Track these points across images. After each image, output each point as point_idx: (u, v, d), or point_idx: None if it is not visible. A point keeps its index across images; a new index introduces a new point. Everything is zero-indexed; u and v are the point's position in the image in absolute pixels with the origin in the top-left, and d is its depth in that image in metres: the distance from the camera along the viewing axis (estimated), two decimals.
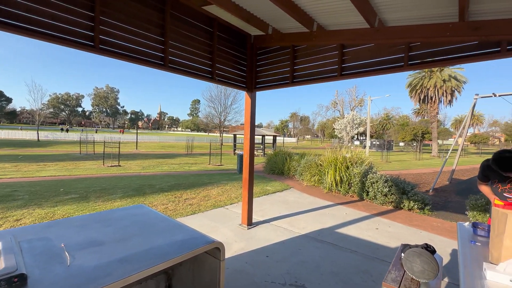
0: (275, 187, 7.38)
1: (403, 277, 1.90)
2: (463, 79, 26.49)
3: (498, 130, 62.00)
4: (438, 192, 7.99)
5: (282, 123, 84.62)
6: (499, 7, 2.17)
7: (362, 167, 6.69)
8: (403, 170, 13.93)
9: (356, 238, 3.90)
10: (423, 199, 5.55)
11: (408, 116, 51.49)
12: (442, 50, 2.64)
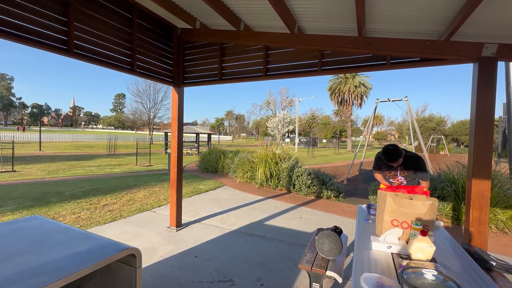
0: (208, 186, 7.28)
1: (315, 257, 2.14)
2: (369, 86, 31.65)
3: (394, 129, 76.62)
4: (351, 181, 9.36)
5: (218, 121, 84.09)
6: (385, 28, 2.67)
7: (290, 162, 7.26)
8: (324, 163, 15.73)
9: (282, 228, 4.20)
10: (338, 188, 6.41)
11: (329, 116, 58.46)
12: (347, 59, 3.08)
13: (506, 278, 1.94)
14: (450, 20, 2.22)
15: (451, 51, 2.39)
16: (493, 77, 2.23)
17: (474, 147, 2.27)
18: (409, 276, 1.08)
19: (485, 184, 2.24)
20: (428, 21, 2.35)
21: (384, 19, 2.49)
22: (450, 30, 2.22)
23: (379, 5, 2.25)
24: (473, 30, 2.29)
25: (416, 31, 2.56)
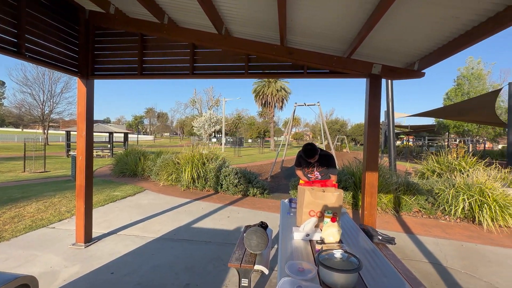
0: (125, 192, 6.50)
1: (244, 254, 2.22)
2: (289, 90, 34.79)
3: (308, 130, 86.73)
4: (274, 178, 10.08)
5: (136, 119, 75.99)
6: (304, 41, 3.00)
7: (217, 162, 7.25)
8: (250, 162, 16.40)
9: (211, 229, 4.17)
10: (263, 185, 6.80)
11: (254, 117, 61.26)
12: (271, 65, 3.32)
13: (387, 247, 2.50)
14: (351, 41, 2.69)
15: (352, 66, 2.90)
16: (379, 90, 2.82)
17: (366, 146, 2.83)
18: (323, 258, 1.26)
19: (374, 175, 2.81)
20: (336, 40, 2.78)
21: (303, 33, 2.80)
22: (351, 49, 2.69)
23: (298, 20, 2.52)
24: (366, 51, 2.84)
25: (327, 47, 2.98)
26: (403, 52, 2.76)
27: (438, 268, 3.07)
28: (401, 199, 5.38)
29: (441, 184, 5.47)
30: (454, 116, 20.37)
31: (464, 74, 24.97)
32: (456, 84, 25.64)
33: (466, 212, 4.88)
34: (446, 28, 2.16)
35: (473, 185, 5.03)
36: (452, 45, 2.28)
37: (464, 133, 25.22)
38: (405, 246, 3.69)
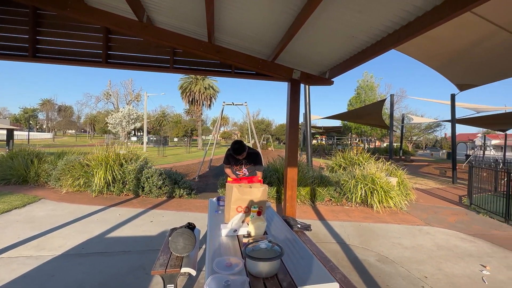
0: (10, 203, 5.15)
1: (169, 258, 2.10)
2: (217, 89, 34.61)
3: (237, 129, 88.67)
4: (202, 178, 9.86)
5: (26, 112, 61.04)
6: (232, 41, 3.04)
7: (138, 163, 6.58)
8: (176, 162, 15.56)
9: (130, 237, 3.75)
10: (190, 185, 6.57)
11: (181, 115, 58.35)
12: (199, 62, 3.24)
13: (305, 234, 2.81)
14: (275, 47, 2.89)
15: (275, 70, 3.12)
16: (298, 94, 3.14)
17: (287, 144, 3.10)
18: (249, 250, 1.32)
19: (294, 170, 3.12)
20: (263, 44, 2.94)
21: (232, 33, 2.84)
22: (275, 54, 2.89)
23: (226, 20, 2.54)
24: (288, 57, 3.11)
25: (254, 50, 3.11)
26: (318, 62, 3.15)
27: (343, 246, 3.66)
28: (316, 190, 6.14)
29: (345, 176, 6.52)
30: (354, 119, 24.56)
31: (361, 85, 30.39)
32: (356, 93, 30.97)
33: (363, 198, 5.98)
34: (349, 45, 2.58)
35: (367, 176, 6.20)
36: (353, 59, 2.74)
37: (362, 133, 30.76)
38: (319, 231, 4.24)
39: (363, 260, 3.24)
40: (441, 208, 6.14)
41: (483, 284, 2.80)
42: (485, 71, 8.88)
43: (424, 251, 3.63)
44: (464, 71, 8.95)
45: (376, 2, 1.83)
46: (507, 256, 3.56)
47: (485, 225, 4.93)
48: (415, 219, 5.16)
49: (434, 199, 7.19)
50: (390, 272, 2.97)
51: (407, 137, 40.99)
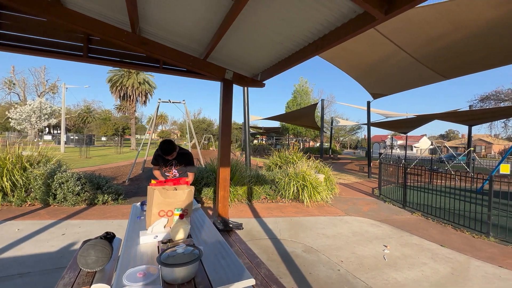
0: None
1: (77, 276, 1.83)
2: (153, 85, 32.18)
3: (176, 128, 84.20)
4: (133, 181, 9.00)
5: None
6: (160, 34, 2.84)
7: (49, 166, 5.56)
8: (103, 165, 13.83)
9: (32, 255, 3.13)
10: (118, 190, 5.91)
11: (110, 111, 52.06)
12: (122, 53, 2.92)
13: (236, 233, 2.84)
14: (206, 45, 2.83)
15: (207, 69, 3.06)
16: (231, 94, 3.15)
17: (220, 143, 3.09)
18: (165, 257, 1.24)
19: (227, 170, 3.12)
20: (193, 41, 2.83)
21: (159, 26, 2.65)
22: (206, 52, 2.83)
23: (151, 10, 2.36)
24: (220, 57, 3.09)
25: (185, 46, 2.98)
26: (250, 64, 3.22)
27: (275, 241, 3.86)
28: (253, 189, 6.31)
29: (280, 174, 6.90)
30: (291, 121, 26.30)
31: (297, 90, 32.77)
32: (293, 96, 33.23)
33: (295, 194, 6.43)
34: (278, 51, 2.72)
35: (299, 173, 6.69)
36: (281, 64, 2.91)
37: (298, 134, 33.18)
38: (253, 229, 4.36)
39: (291, 252, 3.47)
40: (358, 199, 7.10)
41: (383, 261, 3.35)
42: (391, 83, 10.61)
43: (342, 238, 4.12)
44: (375, 82, 10.54)
45: (295, 13, 1.97)
46: (402, 236, 4.35)
47: (389, 212, 5.92)
48: (337, 211, 5.82)
49: (353, 192, 8.26)
50: (313, 260, 3.26)
51: (335, 138, 46.12)
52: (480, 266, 3.33)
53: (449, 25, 5.71)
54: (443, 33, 6.08)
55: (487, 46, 6.48)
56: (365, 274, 2.97)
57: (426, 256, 3.56)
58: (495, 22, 5.35)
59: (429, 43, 6.71)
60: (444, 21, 5.59)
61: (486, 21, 5.35)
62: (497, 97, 21.79)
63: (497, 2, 4.70)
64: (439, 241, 4.17)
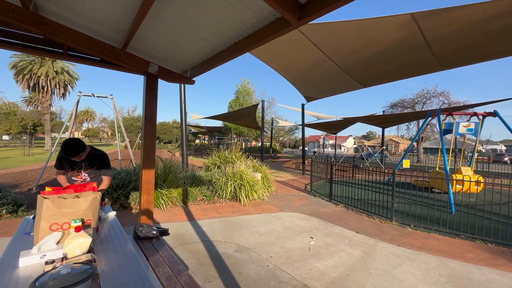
0: None
1: None
2: (75, 75, 27.89)
3: (107, 126, 75.00)
4: (44, 188, 7.58)
5: None
6: (65, 14, 2.40)
7: None
8: (3, 169, 11.28)
9: None
10: (17, 200, 4.86)
11: (17, 104, 42.88)
12: (12, 33, 2.38)
13: (160, 239, 2.63)
14: (124, 32, 2.53)
15: (127, 60, 2.75)
16: (155, 90, 2.91)
17: (143, 143, 2.82)
18: (43, 281, 1.02)
19: (151, 172, 2.87)
20: (108, 26, 2.49)
21: (63, 4, 2.23)
22: (124, 42, 2.53)
23: None
24: (142, 48, 2.81)
25: (98, 32, 2.59)
26: (178, 59, 3.03)
27: (207, 244, 3.75)
28: (188, 191, 6.04)
29: (218, 174, 6.81)
30: (233, 120, 26.43)
31: (240, 90, 33.15)
32: (236, 96, 33.47)
33: (232, 193, 6.43)
34: (205, 47, 2.63)
35: (237, 173, 6.72)
36: (211, 61, 2.82)
37: (240, 133, 33.56)
38: (186, 233, 4.16)
39: (223, 253, 3.43)
40: (292, 196, 7.55)
41: (309, 252, 3.61)
42: (321, 87, 11.61)
43: (274, 234, 4.29)
44: (308, 86, 11.38)
45: (219, 10, 1.92)
46: (327, 227, 4.79)
47: (318, 205, 6.47)
48: (272, 208, 6.06)
49: (289, 188, 8.77)
50: (244, 259, 3.29)
51: (275, 138, 48.37)
52: (384, 247, 3.91)
53: (365, 40, 6.56)
54: (361, 46, 6.96)
55: (393, 61, 7.69)
56: (291, 266, 3.14)
57: (344, 243, 4.00)
58: (398, 41, 6.40)
59: (350, 54, 7.59)
60: (361, 36, 6.41)
61: (392, 39, 6.35)
62: (402, 105, 26.37)
63: (400, 24, 5.64)
64: (356, 228, 4.75)
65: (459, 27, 5.25)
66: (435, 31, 5.50)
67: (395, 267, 3.25)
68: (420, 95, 25.19)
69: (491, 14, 4.72)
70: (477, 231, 4.50)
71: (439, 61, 7.09)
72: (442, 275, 3.07)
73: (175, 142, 43.72)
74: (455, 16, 4.91)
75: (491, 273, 3.15)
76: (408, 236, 4.40)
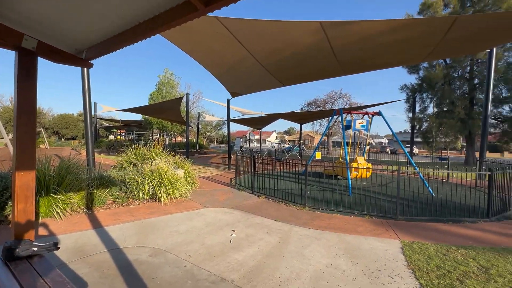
0: None
1: None
2: None
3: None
4: None
5: None
6: None
7: None
8: None
9: None
10: None
11: None
12: None
13: (44, 256, 2.14)
14: None
15: None
16: (34, 70, 2.31)
17: (17, 138, 2.21)
18: None
19: (30, 174, 2.27)
20: None
21: None
22: None
23: None
24: (14, 16, 2.17)
25: None
26: (69, 35, 2.48)
27: (115, 252, 3.30)
28: (94, 194, 5.19)
29: (132, 173, 6.11)
30: (155, 114, 24.35)
31: (162, 81, 30.72)
32: (157, 88, 30.85)
33: (151, 193, 5.89)
34: (104, 24, 2.22)
35: (155, 171, 6.19)
36: (112, 41, 2.41)
37: (164, 128, 31.24)
38: (87, 243, 3.55)
39: (135, 260, 3.08)
40: (217, 191, 7.51)
41: (229, 245, 3.64)
42: (245, 84, 11.90)
43: (195, 231, 4.14)
44: (233, 81, 11.47)
45: None
46: (249, 218, 4.96)
47: (242, 198, 6.63)
48: (196, 205, 5.86)
49: (214, 184, 8.68)
50: (159, 263, 3.04)
51: (202, 133, 47.33)
52: (297, 231, 4.32)
53: (284, 42, 7.01)
54: (280, 47, 7.42)
55: (307, 64, 8.53)
56: (210, 262, 3.09)
57: (264, 232, 4.22)
58: (311, 46, 7.11)
59: (271, 54, 7.99)
60: (281, 37, 6.82)
61: (306, 43, 7.00)
62: (316, 104, 29.91)
63: (312, 30, 6.26)
64: (275, 216, 5.09)
65: (356, 39, 6.23)
66: (339, 40, 6.36)
67: (305, 247, 3.63)
68: (330, 96, 29.16)
69: (377, 31, 5.77)
70: (366, 209, 5.52)
71: (341, 67, 8.28)
72: (341, 249, 3.61)
73: (81, 138, 37.26)
74: (354, 29, 5.78)
75: (374, 241, 3.90)
76: (317, 219, 5.00)
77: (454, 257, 3.38)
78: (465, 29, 5.66)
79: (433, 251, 3.56)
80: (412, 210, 5.53)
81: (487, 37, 6.46)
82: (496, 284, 2.76)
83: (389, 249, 3.62)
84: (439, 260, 3.29)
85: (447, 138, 19.33)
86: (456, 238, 4.12)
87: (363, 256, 3.38)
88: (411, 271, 3.02)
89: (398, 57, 7.88)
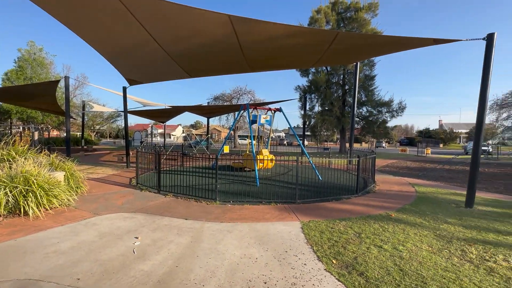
0: None
1: None
2: None
3: None
4: None
5: None
6: None
7: None
8: None
9: None
10: None
11: None
12: None
13: None
14: None
15: None
16: None
17: None
18: None
19: None
20: None
21: None
22: None
23: None
24: None
25: None
26: None
27: None
28: None
29: None
30: (17, 101, 18.41)
31: (26, 58, 23.43)
32: (18, 65, 23.32)
33: (11, 206, 4.38)
34: None
35: (18, 175, 4.64)
36: None
37: (29, 119, 24.03)
38: None
39: None
40: (113, 194, 6.41)
41: (133, 255, 3.16)
42: (146, 71, 10.62)
43: (84, 247, 3.37)
44: (131, 68, 10.01)
45: None
46: (155, 221, 4.47)
47: (145, 199, 5.92)
48: (83, 213, 4.79)
49: (108, 185, 7.37)
50: None
51: (90, 126, 39.61)
52: (210, 226, 4.23)
53: (190, 29, 6.59)
54: (186, 35, 6.94)
55: (215, 56, 8.39)
56: (108, 282, 2.57)
57: (173, 233, 3.89)
58: (219, 38, 7.00)
59: (176, 41, 7.38)
60: (187, 24, 6.36)
61: (214, 35, 6.82)
62: (223, 98, 30.30)
63: (221, 22, 6.14)
64: (185, 215, 4.80)
65: (262, 38, 6.58)
66: (246, 36, 6.54)
67: (218, 242, 3.59)
68: (236, 91, 30.15)
69: (280, 33, 6.28)
70: (272, 196, 6.03)
71: (248, 63, 8.63)
72: (252, 237, 3.78)
73: None
74: (261, 28, 6.06)
75: (280, 226, 4.30)
76: (229, 212, 5.06)
77: (338, 229, 4.16)
78: (342, 43, 6.97)
79: (324, 226, 4.26)
80: (307, 194, 6.46)
81: (355, 52, 8.21)
82: (365, 244, 3.57)
83: (292, 231, 4.08)
84: (329, 233, 3.97)
85: (327, 132, 23.82)
86: (339, 213, 5.09)
87: (272, 241, 3.66)
88: (310, 246, 3.50)
89: (296, 60, 8.91)
